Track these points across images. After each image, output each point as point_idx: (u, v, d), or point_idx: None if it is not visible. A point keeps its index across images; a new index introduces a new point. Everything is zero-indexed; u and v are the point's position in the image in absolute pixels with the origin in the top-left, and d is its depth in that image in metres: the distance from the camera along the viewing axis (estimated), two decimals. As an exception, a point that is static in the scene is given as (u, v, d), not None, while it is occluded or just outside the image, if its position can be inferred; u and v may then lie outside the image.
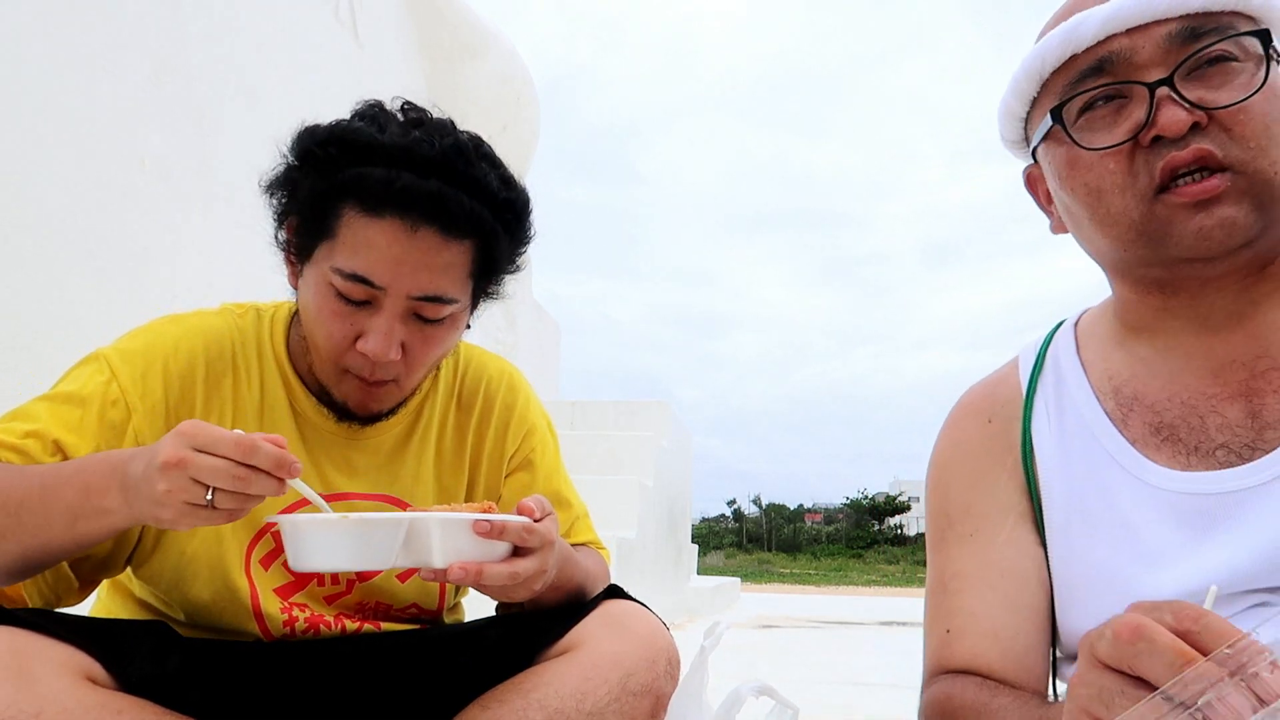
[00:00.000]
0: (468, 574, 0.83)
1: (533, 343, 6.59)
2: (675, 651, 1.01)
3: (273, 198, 1.01)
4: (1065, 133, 0.75)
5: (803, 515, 52.73)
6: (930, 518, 0.89)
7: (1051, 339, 0.89)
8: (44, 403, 0.91)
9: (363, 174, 0.91)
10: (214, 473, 0.74)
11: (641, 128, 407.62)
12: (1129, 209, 0.73)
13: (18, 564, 0.82)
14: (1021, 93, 0.80)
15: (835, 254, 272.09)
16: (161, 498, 0.74)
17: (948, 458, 0.89)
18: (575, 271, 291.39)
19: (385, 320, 0.93)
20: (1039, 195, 0.86)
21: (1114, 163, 0.73)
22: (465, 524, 0.84)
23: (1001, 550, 0.81)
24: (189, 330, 1.01)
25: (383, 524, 0.82)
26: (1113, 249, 0.76)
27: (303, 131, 0.97)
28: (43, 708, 0.74)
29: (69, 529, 0.80)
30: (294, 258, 1.00)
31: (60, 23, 2.48)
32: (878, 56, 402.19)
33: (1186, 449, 0.75)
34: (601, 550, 1.21)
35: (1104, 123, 0.74)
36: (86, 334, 1.02)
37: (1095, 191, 0.74)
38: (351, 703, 1.01)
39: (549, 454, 1.19)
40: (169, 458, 0.73)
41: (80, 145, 2.54)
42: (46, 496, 0.80)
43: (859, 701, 2.95)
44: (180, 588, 1.00)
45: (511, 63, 5.66)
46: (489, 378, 1.17)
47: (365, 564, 0.82)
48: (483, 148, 0.98)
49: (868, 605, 8.31)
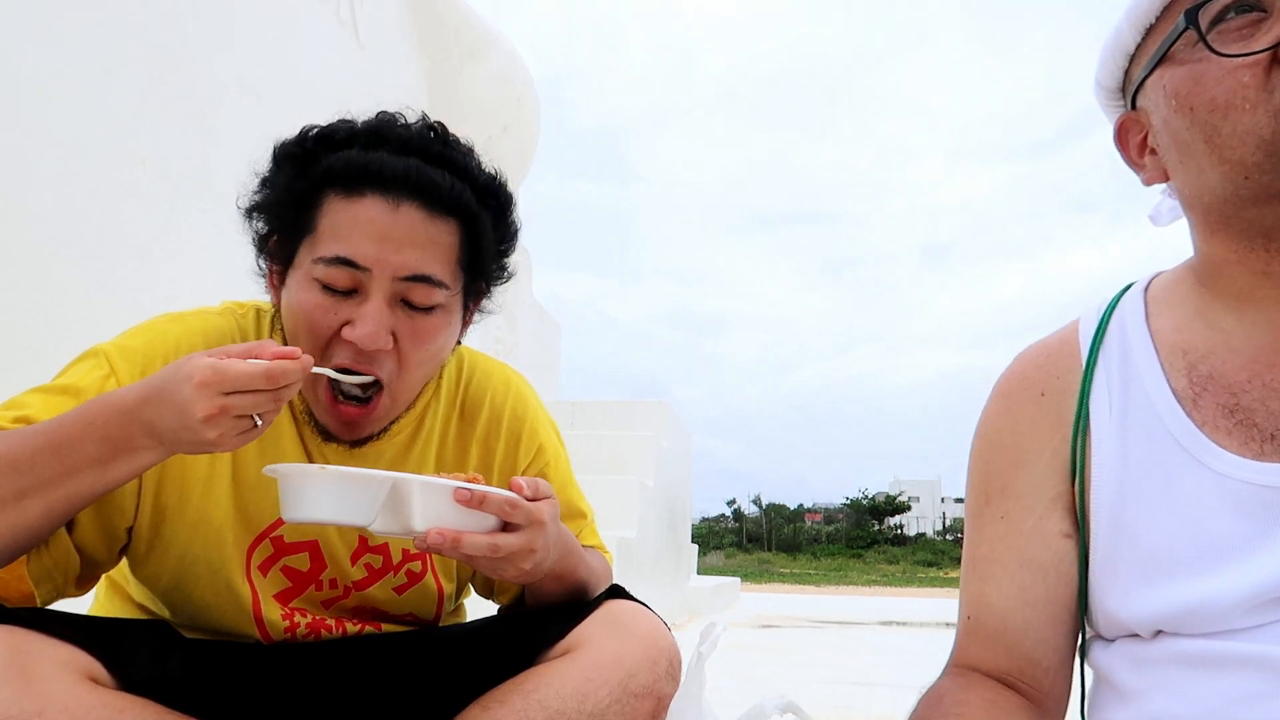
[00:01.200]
0: (445, 539, 0.82)
1: (533, 343, 6.58)
2: (677, 652, 1.01)
3: (253, 221, 1.01)
4: (1200, 35, 0.69)
5: (803, 515, 52.72)
6: (970, 489, 0.85)
7: (1117, 304, 0.82)
8: (38, 394, 0.91)
9: (338, 157, 0.92)
10: (255, 406, 0.79)
11: (639, 126, 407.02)
12: (1260, 126, 0.66)
13: (42, 519, 0.82)
14: (1138, 18, 0.74)
15: (834, 253, 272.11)
16: (215, 441, 0.79)
17: (995, 430, 0.84)
18: (572, 271, 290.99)
19: (373, 306, 0.91)
20: (1128, 148, 0.80)
21: (1249, 75, 0.66)
22: (447, 490, 0.84)
23: (1028, 538, 0.79)
24: (190, 329, 1.01)
25: (365, 479, 0.83)
26: (1224, 181, 0.69)
27: (278, 144, 0.99)
28: (44, 707, 0.74)
29: (100, 477, 0.81)
30: (277, 270, 0.99)
31: (60, 23, 2.48)
32: (877, 55, 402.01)
33: (1262, 435, 0.69)
34: (605, 554, 1.21)
35: (1238, 35, 0.68)
36: (87, 333, 1.02)
37: (1222, 108, 0.68)
38: (352, 703, 1.01)
39: (561, 467, 1.18)
40: (208, 411, 0.77)
41: (80, 145, 2.54)
42: (60, 452, 0.80)
43: (859, 701, 2.95)
44: (182, 589, 1.00)
45: (512, 63, 5.65)
46: (494, 389, 1.14)
47: (346, 517, 0.82)
48: (452, 134, 0.99)
49: (868, 605, 8.31)
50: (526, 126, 5.85)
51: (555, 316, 7.40)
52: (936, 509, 59.00)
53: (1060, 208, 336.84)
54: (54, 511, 0.82)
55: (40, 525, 0.82)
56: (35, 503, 0.80)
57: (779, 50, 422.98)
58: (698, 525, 45.87)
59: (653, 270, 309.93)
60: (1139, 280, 0.84)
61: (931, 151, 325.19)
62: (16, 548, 0.82)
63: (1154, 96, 0.75)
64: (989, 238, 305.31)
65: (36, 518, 0.81)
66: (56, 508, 0.81)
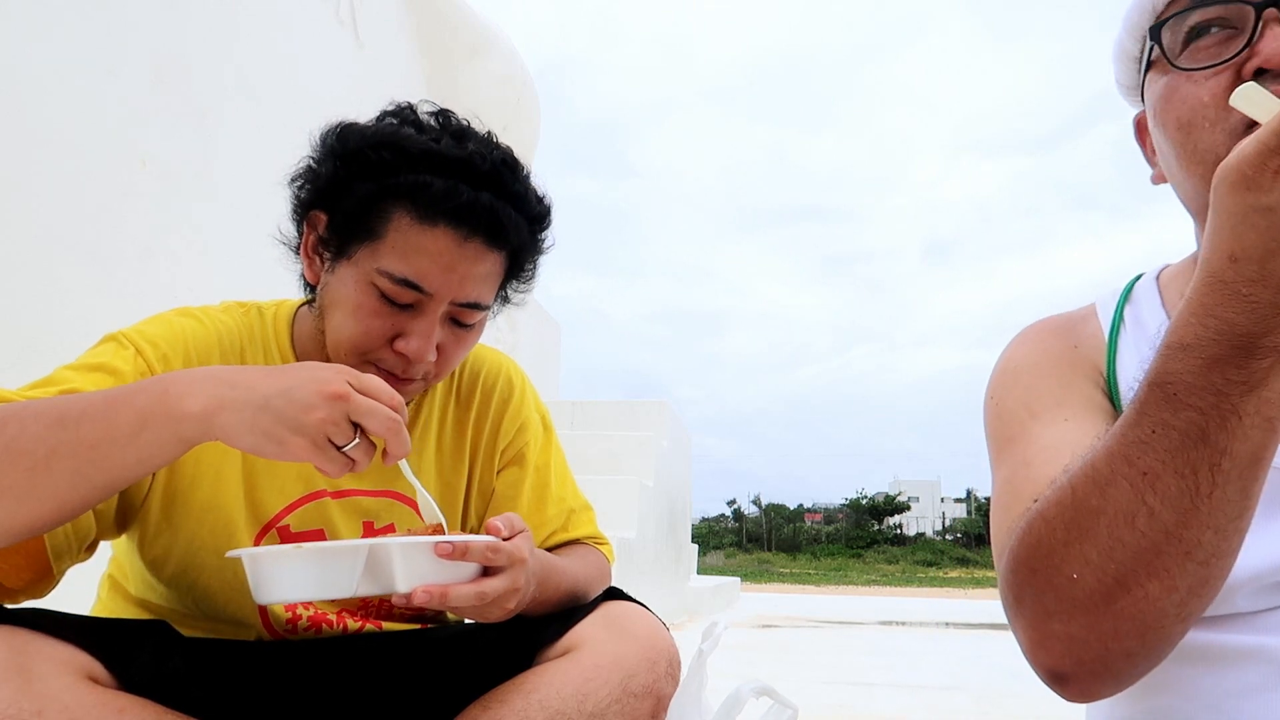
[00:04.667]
0: (432, 597, 0.81)
1: (533, 342, 6.59)
2: (676, 652, 1.02)
3: (300, 190, 1.01)
4: (1161, 51, 0.69)
5: (802, 515, 52.73)
6: (1005, 415, 0.79)
7: (1128, 295, 0.83)
8: (73, 370, 0.89)
9: (422, 182, 0.93)
10: (371, 413, 0.75)
11: (635, 120, 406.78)
12: (1217, 146, 0.66)
13: (69, 490, 0.75)
14: (1134, 27, 0.74)
15: (835, 249, 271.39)
16: (314, 425, 0.73)
17: (1035, 360, 0.80)
18: (568, 268, 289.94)
19: (428, 324, 0.96)
20: (1145, 144, 0.81)
21: (1208, 94, 0.67)
22: (427, 547, 0.82)
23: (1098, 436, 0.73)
24: (201, 322, 1.02)
25: (342, 552, 0.81)
26: (1198, 193, 0.70)
27: (346, 130, 0.98)
28: (44, 707, 0.74)
29: (131, 440, 0.74)
30: (320, 253, 1.00)
31: (60, 23, 2.48)
32: (876, 48, 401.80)
33: None
34: (603, 546, 1.20)
35: (1208, 54, 0.68)
36: (88, 334, 1.02)
37: (1185, 126, 0.68)
38: (352, 703, 1.01)
39: (541, 448, 1.19)
40: (337, 389, 0.74)
41: (80, 145, 2.54)
42: (112, 404, 0.75)
43: (859, 701, 2.95)
44: (189, 574, 1.00)
45: (512, 63, 5.66)
46: (486, 372, 1.18)
47: (327, 593, 0.81)
48: (519, 161, 1.02)
49: (867, 605, 8.32)
50: (526, 126, 5.86)
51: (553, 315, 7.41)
52: (936, 509, 59.02)
53: (1063, 203, 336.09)
54: (81, 479, 0.74)
55: (66, 495, 0.75)
56: (66, 462, 0.73)
57: (777, 42, 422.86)
58: (698, 525, 45.88)
59: (649, 267, 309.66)
60: (1149, 270, 0.85)
61: (933, 145, 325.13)
62: (32, 517, 0.75)
63: (1146, 101, 0.76)
64: (991, 234, 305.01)
65: (66, 483, 0.74)
66: (84, 474, 0.74)
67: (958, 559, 37.54)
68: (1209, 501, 0.53)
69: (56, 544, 0.87)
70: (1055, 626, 0.59)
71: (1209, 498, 0.53)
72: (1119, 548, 0.55)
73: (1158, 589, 0.55)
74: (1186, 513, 0.53)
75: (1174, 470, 0.53)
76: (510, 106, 5.56)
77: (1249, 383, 0.50)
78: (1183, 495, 0.53)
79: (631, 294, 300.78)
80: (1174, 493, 0.53)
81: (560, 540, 1.16)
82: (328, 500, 1.04)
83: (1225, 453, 0.52)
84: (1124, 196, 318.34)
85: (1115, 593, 0.56)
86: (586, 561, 1.13)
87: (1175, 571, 0.55)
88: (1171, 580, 0.55)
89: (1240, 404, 0.51)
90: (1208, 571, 0.55)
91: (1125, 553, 0.55)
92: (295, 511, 1.02)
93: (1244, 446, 0.52)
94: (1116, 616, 0.57)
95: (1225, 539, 0.54)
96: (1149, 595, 0.55)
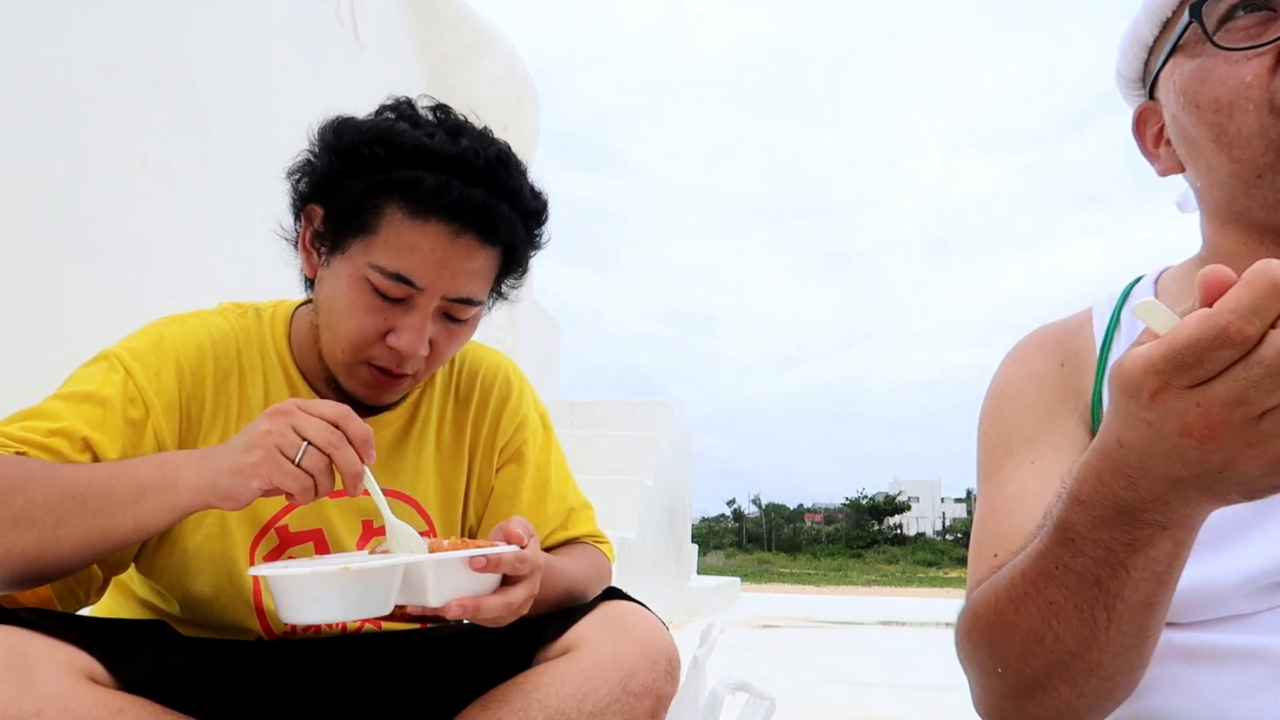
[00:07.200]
0: (465, 610, 0.83)
1: (533, 342, 6.59)
2: (675, 652, 1.01)
3: (297, 183, 1.01)
4: (1202, 29, 0.68)
5: (802, 515, 52.70)
6: (987, 446, 0.82)
7: (1127, 297, 0.83)
8: (62, 401, 0.91)
9: (414, 178, 0.93)
10: (314, 427, 0.79)
11: (631, 116, 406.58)
12: (1266, 128, 0.65)
13: (74, 553, 0.81)
14: (1157, 10, 0.74)
15: (834, 247, 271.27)
16: (258, 439, 0.78)
17: (1017, 386, 0.82)
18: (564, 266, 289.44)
19: (419, 319, 0.97)
20: (1145, 138, 0.81)
21: (1251, 74, 0.66)
22: (459, 561, 0.83)
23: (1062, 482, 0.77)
24: (193, 330, 1.02)
25: (379, 573, 0.79)
26: (1235, 180, 0.69)
27: (342, 125, 0.98)
28: (43, 707, 0.74)
29: (132, 505, 0.80)
30: (317, 247, 1.01)
31: (60, 23, 2.48)
32: (876, 42, 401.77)
33: None
34: (602, 544, 1.20)
35: (1245, 34, 0.67)
36: (88, 334, 1.02)
37: (1225, 107, 0.67)
38: (352, 702, 1.01)
39: (539, 446, 1.19)
40: (281, 407, 0.80)
41: (81, 145, 2.54)
42: (115, 477, 0.82)
43: (859, 701, 2.95)
44: (182, 583, 1.00)
45: (512, 63, 5.66)
46: (485, 371, 1.18)
47: (362, 613, 0.79)
48: (514, 156, 1.01)
49: (868, 605, 8.31)
50: (526, 126, 5.86)
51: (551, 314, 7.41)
52: (936, 509, 58.99)
53: (1065, 200, 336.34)
54: (90, 543, 0.81)
55: (70, 559, 0.82)
56: (72, 529, 0.80)
57: (776, 37, 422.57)
58: (698, 525, 45.87)
59: (647, 266, 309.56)
60: (1148, 273, 0.85)
61: (932, 141, 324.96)
62: (41, 572, 0.82)
63: (1166, 90, 0.75)
64: (992, 231, 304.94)
65: (71, 548, 0.81)
66: (93, 540, 0.81)
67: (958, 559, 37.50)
68: (1106, 634, 0.57)
69: (58, 589, 0.90)
70: (992, 699, 0.67)
71: (1106, 630, 0.57)
72: (1031, 658, 0.61)
73: (1069, 693, 0.61)
74: (1086, 641, 0.58)
75: (1074, 605, 0.57)
76: (510, 107, 5.56)
77: (1134, 545, 0.53)
78: (1083, 625, 0.57)
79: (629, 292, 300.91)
80: (1075, 623, 0.58)
81: (560, 539, 1.16)
82: (326, 499, 1.04)
83: (1119, 597, 0.55)
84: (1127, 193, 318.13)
85: (1033, 690, 0.62)
86: (586, 560, 1.13)
87: (1081, 684, 0.60)
88: (1079, 688, 0.60)
89: (1128, 560, 0.54)
90: (1112, 685, 0.60)
91: (1036, 663, 0.61)
92: (294, 511, 1.02)
93: (1135, 594, 0.55)
94: (1039, 705, 0.63)
95: (1126, 661, 0.58)
96: (1062, 697, 0.61)
